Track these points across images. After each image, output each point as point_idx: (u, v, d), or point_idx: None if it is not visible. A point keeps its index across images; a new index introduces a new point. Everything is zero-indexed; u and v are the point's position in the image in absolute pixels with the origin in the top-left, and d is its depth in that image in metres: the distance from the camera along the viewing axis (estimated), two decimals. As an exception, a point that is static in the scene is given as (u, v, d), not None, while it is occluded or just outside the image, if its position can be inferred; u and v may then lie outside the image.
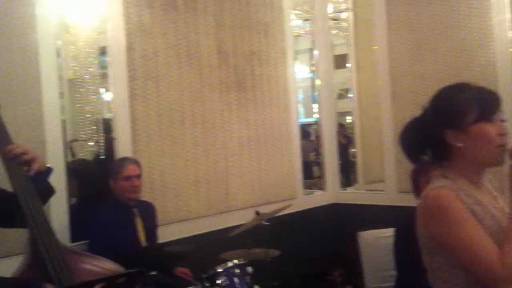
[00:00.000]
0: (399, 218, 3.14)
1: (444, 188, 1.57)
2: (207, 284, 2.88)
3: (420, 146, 1.68)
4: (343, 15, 5.48)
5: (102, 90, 3.89)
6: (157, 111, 3.73)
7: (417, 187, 3.00)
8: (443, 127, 1.62)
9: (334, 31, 5.51)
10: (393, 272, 3.15)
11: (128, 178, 3.17)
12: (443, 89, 1.69)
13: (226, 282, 2.88)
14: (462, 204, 1.54)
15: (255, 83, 4.43)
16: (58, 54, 3.25)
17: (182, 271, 3.26)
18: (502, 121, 1.60)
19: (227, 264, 2.98)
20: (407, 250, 2.98)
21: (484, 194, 1.65)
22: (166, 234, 3.52)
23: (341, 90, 6.34)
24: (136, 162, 3.26)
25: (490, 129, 1.57)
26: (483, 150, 1.59)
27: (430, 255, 1.64)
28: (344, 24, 5.48)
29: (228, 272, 2.94)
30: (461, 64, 4.16)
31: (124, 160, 3.28)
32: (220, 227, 3.93)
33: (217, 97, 4.13)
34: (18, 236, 2.07)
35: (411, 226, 3.03)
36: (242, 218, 3.77)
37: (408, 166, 4.10)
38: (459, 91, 1.64)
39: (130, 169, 3.20)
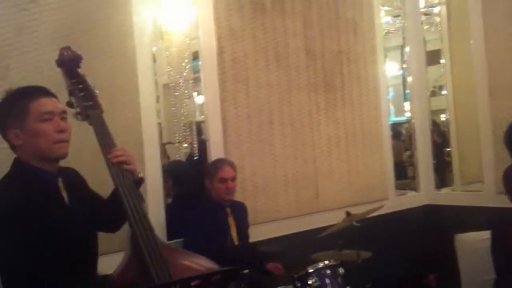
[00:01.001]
0: (495, 220, 3.00)
1: None
2: (298, 284, 2.87)
3: None
4: (436, 10, 5.30)
5: (194, 94, 4.03)
6: (246, 112, 3.80)
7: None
8: None
9: (426, 26, 5.33)
10: (492, 276, 3.00)
11: (224, 180, 3.25)
12: None
13: (317, 283, 2.86)
14: None
15: (343, 83, 4.39)
16: (154, 60, 3.39)
17: (274, 266, 3.28)
18: None
19: (318, 265, 2.95)
20: (504, 252, 2.84)
21: None
22: (256, 233, 3.56)
23: (434, 87, 6.12)
24: (232, 165, 3.33)
25: None
26: None
27: None
28: (437, 18, 5.29)
29: (319, 273, 2.92)
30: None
31: (221, 162, 3.36)
32: (310, 228, 3.92)
33: (305, 97, 4.14)
34: (118, 233, 2.18)
35: (507, 228, 2.89)
36: (331, 219, 3.73)
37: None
38: None
39: (226, 171, 3.27)
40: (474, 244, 3.26)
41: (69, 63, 2.07)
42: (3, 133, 1.92)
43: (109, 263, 2.12)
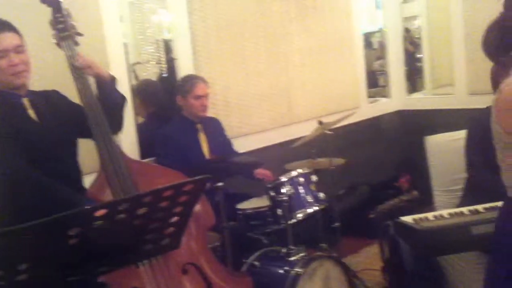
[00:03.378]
0: (471, 120, 3.05)
1: None
2: (272, 193, 2.94)
3: (503, 46, 1.62)
4: None
5: (162, 10, 3.90)
6: (216, 25, 3.71)
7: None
8: None
9: None
10: (462, 175, 3.10)
11: (198, 97, 3.23)
12: None
13: (291, 191, 2.93)
14: None
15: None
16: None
17: (263, 172, 3.34)
18: None
19: (291, 174, 3.02)
20: (480, 149, 2.92)
21: None
22: (232, 148, 3.60)
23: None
24: (205, 81, 3.30)
25: None
26: None
27: (504, 152, 1.61)
28: None
29: (292, 181, 2.99)
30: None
31: (195, 78, 3.31)
32: (284, 140, 3.97)
33: (276, 6, 4.03)
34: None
35: (485, 126, 2.95)
36: (305, 129, 3.76)
37: (480, 66, 3.94)
38: None
39: (201, 88, 3.24)
40: (444, 144, 3.33)
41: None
42: None
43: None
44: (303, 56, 4.23)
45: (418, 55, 5.42)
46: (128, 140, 3.18)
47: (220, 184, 2.75)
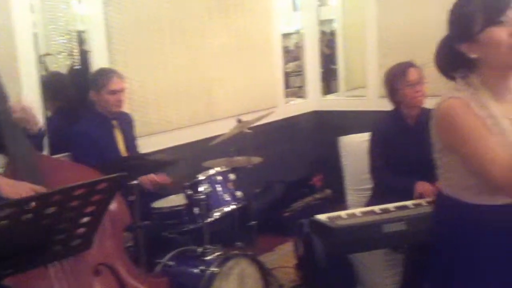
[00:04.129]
0: (376, 121, 3.18)
1: (458, 99, 1.57)
2: (189, 192, 2.90)
3: (451, 65, 1.66)
4: None
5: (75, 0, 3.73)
6: (134, 18, 3.60)
7: (395, 90, 3.01)
8: (458, 42, 1.60)
9: None
10: (372, 174, 3.23)
11: (114, 92, 3.10)
12: (453, 4, 1.64)
13: (209, 189, 2.91)
14: (474, 116, 1.55)
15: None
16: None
17: (160, 177, 3.27)
18: None
19: (209, 172, 3.00)
20: (381, 152, 3.06)
21: (505, 104, 1.61)
22: (147, 145, 3.51)
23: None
24: (121, 76, 3.18)
25: (498, 32, 1.52)
26: (497, 56, 1.54)
27: (438, 153, 1.68)
28: None
29: (210, 180, 2.97)
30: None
31: (110, 73, 3.17)
32: (203, 137, 3.93)
33: (197, 2, 3.98)
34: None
35: (387, 129, 3.09)
36: (224, 127, 3.74)
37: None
38: (463, 2, 1.60)
39: (117, 83, 3.12)
40: (356, 145, 3.44)
41: None
42: None
43: None
44: (223, 53, 4.21)
45: (334, 58, 5.56)
46: (36, 135, 3.01)
47: (135, 182, 2.67)
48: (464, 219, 1.66)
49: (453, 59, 1.63)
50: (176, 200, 3.05)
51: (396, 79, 3.00)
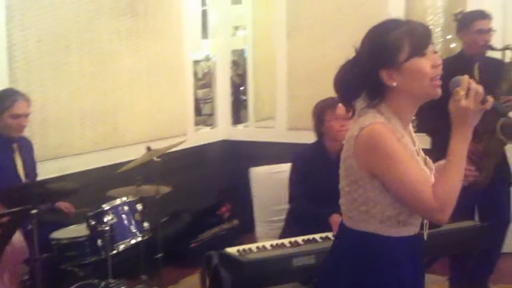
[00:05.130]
0: (297, 153, 3.21)
1: (382, 124, 1.59)
2: (92, 222, 2.75)
3: (356, 88, 1.66)
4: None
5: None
6: (37, 35, 3.40)
7: (322, 122, 3.06)
8: (377, 67, 1.60)
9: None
10: (283, 206, 3.24)
11: (17, 116, 2.89)
12: (374, 28, 1.66)
13: (114, 220, 2.78)
14: (398, 141, 1.58)
15: (147, 10, 4.17)
16: None
17: (64, 205, 3.08)
18: (435, 52, 1.60)
19: (115, 202, 2.86)
20: (302, 182, 3.09)
21: (409, 135, 1.68)
22: (48, 170, 3.30)
23: (235, 26, 6.24)
24: (27, 100, 2.96)
25: (423, 63, 1.56)
26: (418, 85, 1.58)
27: (353, 185, 1.66)
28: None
29: (116, 210, 2.84)
30: (356, 1, 4.20)
31: (15, 95, 2.94)
32: (108, 163, 3.76)
33: (107, 23, 3.85)
34: None
35: (308, 160, 3.12)
36: (131, 154, 3.63)
37: (299, 104, 4.22)
38: (390, 29, 1.61)
39: (21, 107, 2.90)
40: (267, 176, 3.46)
41: None
42: None
43: None
44: (132, 77, 4.09)
45: (243, 87, 5.62)
46: None
47: (34, 211, 2.47)
48: (375, 252, 1.66)
49: (361, 83, 1.64)
50: (77, 230, 2.88)
51: (325, 111, 3.06)
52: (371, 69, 1.60)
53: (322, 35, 4.38)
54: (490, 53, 3.29)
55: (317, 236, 2.76)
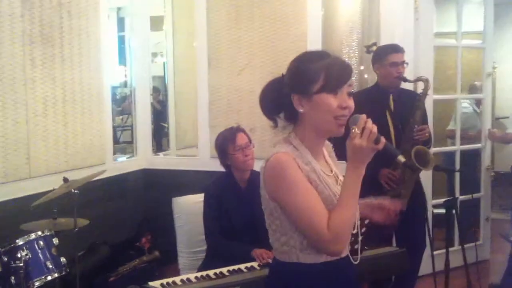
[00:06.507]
0: (208, 185, 3.19)
1: (285, 153, 1.63)
2: (5, 259, 2.58)
3: (275, 106, 1.71)
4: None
5: None
6: None
7: (226, 154, 3.08)
8: (291, 91, 1.66)
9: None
10: (205, 236, 3.20)
11: None
12: (301, 54, 1.72)
13: (28, 256, 2.62)
14: (300, 170, 1.61)
15: (63, 37, 4.03)
16: None
17: None
18: (350, 94, 1.64)
19: (30, 236, 2.70)
20: (216, 216, 3.06)
21: (321, 162, 1.74)
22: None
23: (154, 52, 6.18)
24: None
25: (331, 100, 1.61)
26: (321, 119, 1.64)
27: (270, 217, 1.69)
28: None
29: (30, 245, 2.68)
30: (275, 34, 4.31)
31: None
32: (20, 195, 3.55)
33: (19, 49, 3.67)
34: None
35: (220, 192, 3.12)
36: (45, 185, 3.45)
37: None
38: (312, 60, 1.66)
39: None
40: (190, 206, 3.41)
41: None
42: None
43: None
44: (47, 105, 3.91)
45: (164, 114, 5.55)
46: None
47: None
48: (301, 281, 1.68)
49: (280, 104, 1.70)
50: (-14, 268, 2.67)
51: (226, 143, 3.07)
52: (287, 91, 1.67)
53: (242, 65, 4.43)
54: (404, 85, 3.48)
55: (242, 266, 2.74)
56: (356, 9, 4.80)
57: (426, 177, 3.88)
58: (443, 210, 3.20)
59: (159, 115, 5.94)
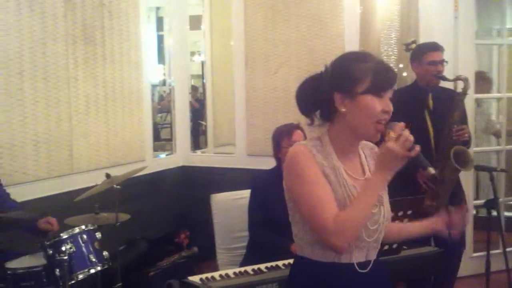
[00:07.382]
0: (255, 179, 3.22)
1: (302, 145, 1.66)
2: (50, 252, 2.66)
3: (313, 103, 1.70)
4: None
5: None
6: (-10, 60, 3.32)
7: (279, 148, 3.09)
8: (334, 89, 1.64)
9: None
10: (245, 233, 3.23)
11: None
12: (345, 54, 1.71)
13: (72, 249, 2.69)
14: (315, 163, 1.62)
15: (104, 37, 4.14)
16: None
17: (46, 220, 2.92)
18: (390, 99, 1.63)
19: (73, 230, 2.79)
20: (261, 209, 3.09)
21: (350, 164, 1.70)
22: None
23: (193, 52, 6.27)
24: None
25: (375, 103, 1.59)
26: (362, 121, 1.62)
27: (292, 210, 1.71)
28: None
29: (74, 239, 2.76)
30: (312, 33, 4.31)
31: None
32: (64, 191, 3.67)
33: (62, 49, 3.79)
34: None
35: (267, 187, 3.14)
36: (88, 181, 3.56)
37: (259, 130, 4.27)
38: (359, 60, 1.65)
39: None
40: (228, 203, 3.45)
41: None
42: None
43: None
44: (89, 103, 4.02)
45: (202, 113, 5.62)
46: None
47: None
48: (314, 278, 1.68)
49: (317, 102, 1.68)
50: (33, 260, 2.77)
51: (282, 136, 3.09)
52: (328, 89, 1.64)
53: (279, 64, 4.45)
54: (443, 84, 3.43)
55: (280, 263, 2.76)
56: (395, 7, 4.75)
57: (466, 178, 3.82)
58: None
59: (197, 113, 6.02)
